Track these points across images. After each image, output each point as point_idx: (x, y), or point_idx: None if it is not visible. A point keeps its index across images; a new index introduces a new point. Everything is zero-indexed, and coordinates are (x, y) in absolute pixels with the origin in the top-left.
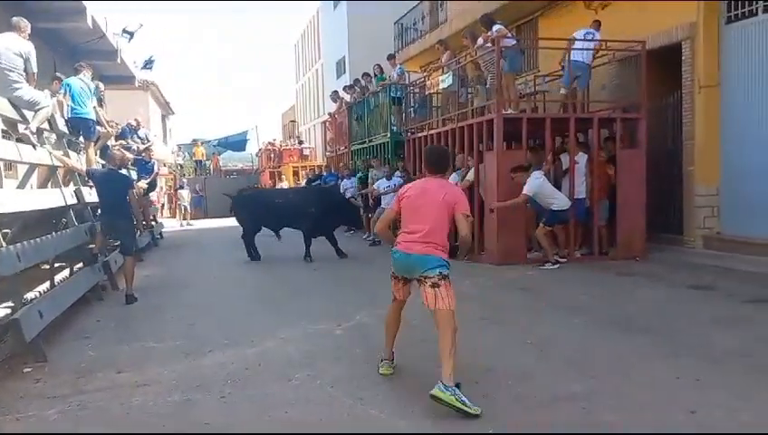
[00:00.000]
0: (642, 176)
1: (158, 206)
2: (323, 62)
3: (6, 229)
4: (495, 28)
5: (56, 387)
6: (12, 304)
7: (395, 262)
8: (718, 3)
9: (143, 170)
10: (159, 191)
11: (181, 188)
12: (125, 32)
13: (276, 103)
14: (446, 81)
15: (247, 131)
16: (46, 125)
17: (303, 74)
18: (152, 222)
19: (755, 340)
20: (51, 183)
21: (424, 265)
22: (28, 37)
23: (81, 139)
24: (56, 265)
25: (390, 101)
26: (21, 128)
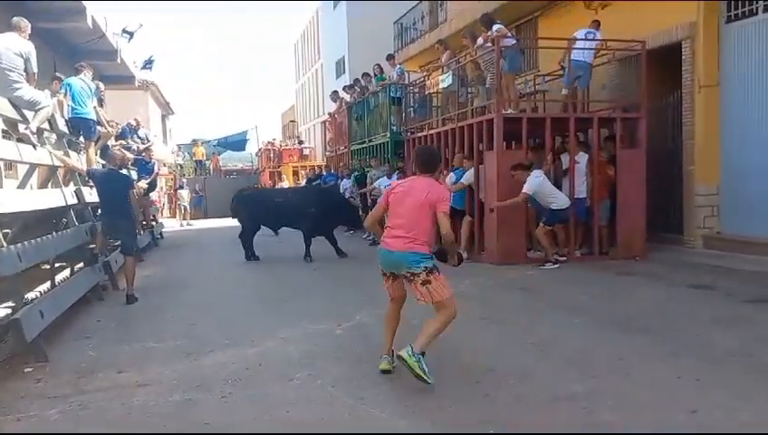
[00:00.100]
0: (642, 176)
1: (159, 206)
2: (323, 62)
3: (7, 229)
4: (495, 28)
5: (57, 387)
6: (13, 304)
7: (381, 259)
8: (718, 2)
9: (143, 170)
10: (159, 191)
11: (181, 188)
12: (125, 32)
13: (276, 103)
14: (446, 80)
15: (247, 131)
16: (46, 125)
17: (303, 74)
18: (152, 222)
19: (755, 340)
20: (51, 183)
21: (406, 261)
22: (28, 37)
23: (82, 139)
24: (57, 265)
25: (390, 101)
26: (21, 128)
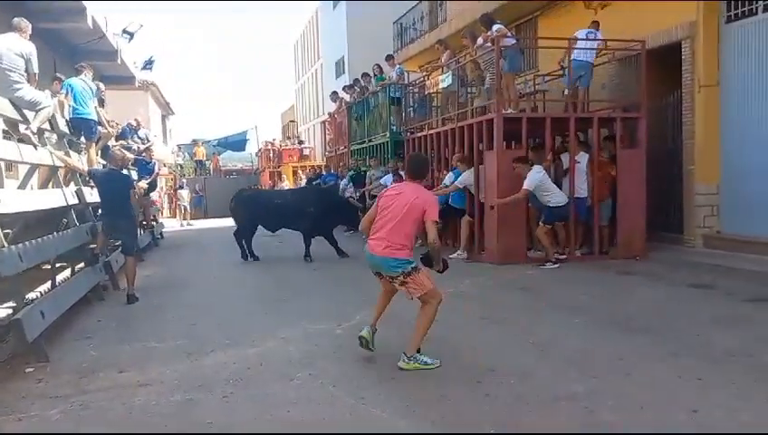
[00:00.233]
0: (642, 175)
1: (159, 206)
2: (323, 62)
3: (8, 229)
4: (495, 28)
5: (58, 387)
6: (14, 305)
7: (367, 260)
8: (718, 2)
9: (144, 171)
10: (160, 191)
11: (181, 188)
12: (125, 32)
13: (276, 103)
14: (446, 80)
15: (247, 131)
16: (47, 125)
17: (303, 74)
18: (153, 222)
19: (755, 339)
20: (52, 183)
21: (385, 265)
22: (29, 38)
23: (83, 139)
24: (57, 265)
25: (390, 101)
26: (22, 128)
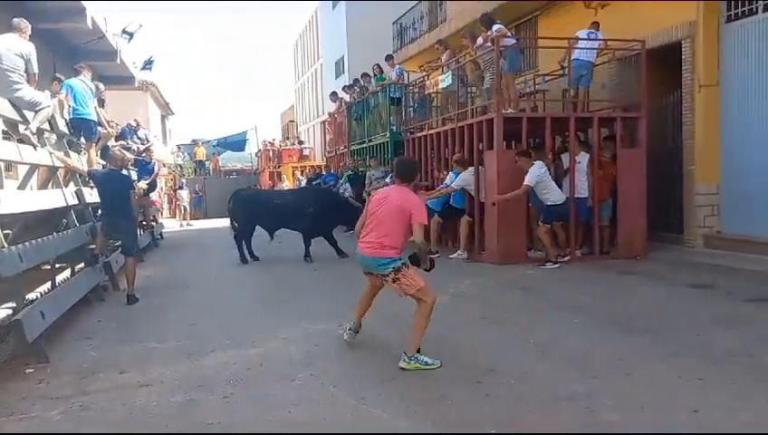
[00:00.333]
0: (642, 175)
1: (159, 206)
2: (322, 62)
3: (8, 230)
4: (495, 27)
5: (59, 388)
6: (14, 305)
7: (359, 261)
8: (718, 2)
9: (143, 171)
10: (159, 191)
11: (180, 188)
12: (125, 32)
13: (276, 103)
14: (446, 80)
15: (247, 131)
16: (47, 125)
17: (303, 74)
18: (152, 222)
19: (756, 339)
20: (51, 184)
21: (375, 265)
22: (29, 38)
23: (82, 139)
24: (57, 265)
25: (390, 101)
26: (21, 128)
